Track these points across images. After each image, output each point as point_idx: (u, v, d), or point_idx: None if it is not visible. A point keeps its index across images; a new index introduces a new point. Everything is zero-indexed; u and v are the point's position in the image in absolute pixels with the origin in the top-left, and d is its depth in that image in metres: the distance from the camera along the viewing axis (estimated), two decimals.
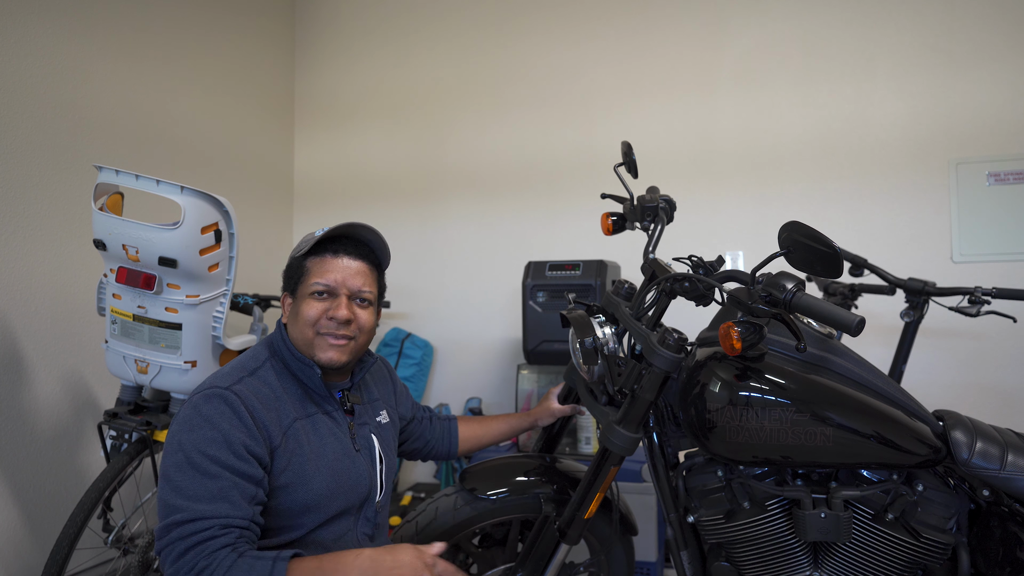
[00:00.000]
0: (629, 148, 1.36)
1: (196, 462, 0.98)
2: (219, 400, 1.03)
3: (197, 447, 0.99)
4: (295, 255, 1.20)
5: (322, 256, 1.18)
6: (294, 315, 1.18)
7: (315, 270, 1.17)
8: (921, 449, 1.06)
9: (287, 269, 1.22)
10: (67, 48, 2.18)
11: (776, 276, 0.97)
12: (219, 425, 1.01)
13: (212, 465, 0.98)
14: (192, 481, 0.97)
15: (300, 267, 1.19)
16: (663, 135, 2.87)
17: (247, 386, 1.08)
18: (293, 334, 1.18)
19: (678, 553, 1.25)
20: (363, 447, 1.22)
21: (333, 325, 1.15)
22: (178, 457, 0.99)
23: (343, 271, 1.17)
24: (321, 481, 1.11)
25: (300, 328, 1.16)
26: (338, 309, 1.15)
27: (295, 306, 1.18)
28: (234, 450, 1.00)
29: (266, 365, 1.15)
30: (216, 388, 1.05)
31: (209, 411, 1.02)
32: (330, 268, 1.17)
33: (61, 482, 2.13)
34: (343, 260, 1.18)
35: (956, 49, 2.52)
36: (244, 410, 1.04)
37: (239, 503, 0.98)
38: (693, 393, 1.13)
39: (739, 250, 2.75)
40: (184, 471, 0.98)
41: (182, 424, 1.02)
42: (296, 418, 1.12)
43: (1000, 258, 2.44)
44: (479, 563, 1.49)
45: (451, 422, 1.52)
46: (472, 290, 3.12)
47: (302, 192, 3.45)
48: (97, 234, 1.55)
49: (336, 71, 3.40)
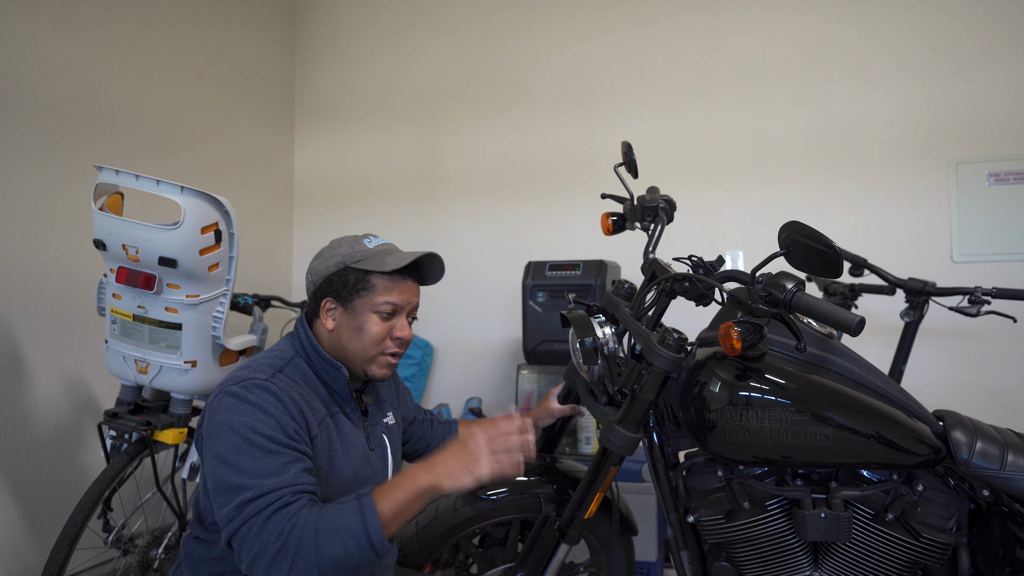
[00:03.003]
0: (629, 148, 1.36)
1: (254, 441, 0.99)
2: (262, 390, 1.05)
3: (252, 428, 1.00)
4: (354, 265, 1.16)
5: (391, 275, 1.17)
6: (351, 328, 1.16)
7: (383, 288, 1.16)
8: (921, 449, 1.06)
9: (339, 276, 1.17)
10: (67, 48, 2.18)
11: (776, 276, 0.97)
12: (269, 410, 1.02)
13: (270, 443, 1.00)
14: (253, 460, 0.98)
15: (364, 281, 1.16)
16: (663, 135, 2.87)
17: (281, 380, 1.10)
18: (341, 342, 1.17)
19: (678, 553, 1.25)
20: (376, 447, 1.24)
21: (397, 344, 1.18)
22: (234, 440, 0.99)
23: (409, 292, 1.19)
24: (344, 478, 1.13)
25: (361, 343, 1.16)
26: (404, 330, 1.18)
27: (351, 318, 1.16)
28: (287, 431, 1.02)
29: (291, 364, 1.16)
30: (256, 379, 1.06)
31: (255, 398, 1.03)
32: (400, 289, 1.17)
33: (61, 482, 2.13)
34: (408, 282, 1.19)
35: (956, 49, 2.52)
36: (287, 399, 1.06)
37: (302, 475, 1.00)
38: (693, 393, 1.13)
39: (739, 250, 2.75)
40: (243, 452, 0.99)
41: (229, 410, 1.02)
42: (325, 415, 1.14)
43: (1000, 258, 2.44)
44: (479, 563, 1.49)
45: (451, 425, 1.52)
46: (472, 290, 3.12)
47: (302, 192, 3.45)
48: (97, 234, 1.55)
49: (336, 71, 3.40)
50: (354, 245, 1.19)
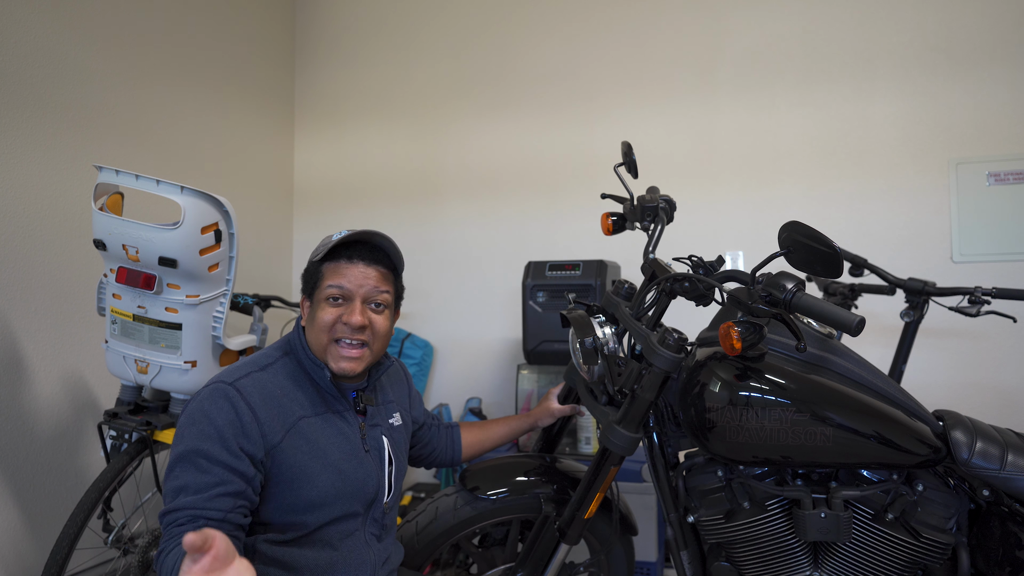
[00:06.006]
0: (629, 148, 1.36)
1: (190, 458, 1.03)
2: (220, 396, 1.07)
3: (194, 443, 1.04)
4: (312, 259, 1.22)
5: (337, 261, 1.19)
6: (311, 320, 1.19)
7: (330, 275, 1.18)
8: (921, 449, 1.06)
9: (305, 273, 1.24)
10: (67, 48, 2.18)
11: (776, 276, 0.97)
12: (215, 421, 1.05)
13: (204, 461, 1.02)
14: (185, 475, 1.02)
15: (317, 272, 1.20)
16: (663, 135, 2.87)
17: (254, 381, 1.11)
18: (310, 338, 1.20)
19: (678, 553, 1.25)
20: (372, 448, 1.23)
21: (347, 330, 1.16)
22: (179, 449, 1.04)
23: (358, 275, 1.18)
24: (326, 479, 1.12)
25: (316, 333, 1.17)
26: (352, 315, 1.16)
27: (312, 311, 1.20)
28: (227, 446, 1.03)
29: (278, 363, 1.17)
30: (221, 383, 1.09)
31: (209, 407, 1.06)
32: (345, 273, 1.17)
33: (61, 482, 2.13)
34: (358, 266, 1.18)
35: (956, 49, 2.52)
36: (244, 405, 1.07)
37: (217, 498, 1.01)
38: (693, 393, 1.13)
39: (739, 250, 2.75)
40: (181, 464, 1.03)
41: (187, 417, 1.07)
42: (303, 416, 1.14)
43: (1000, 258, 2.44)
44: (479, 563, 1.49)
45: (453, 429, 1.52)
46: (472, 290, 3.12)
47: (302, 192, 3.45)
48: (97, 234, 1.55)
49: (336, 71, 3.40)
50: (323, 242, 1.21)
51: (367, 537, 1.20)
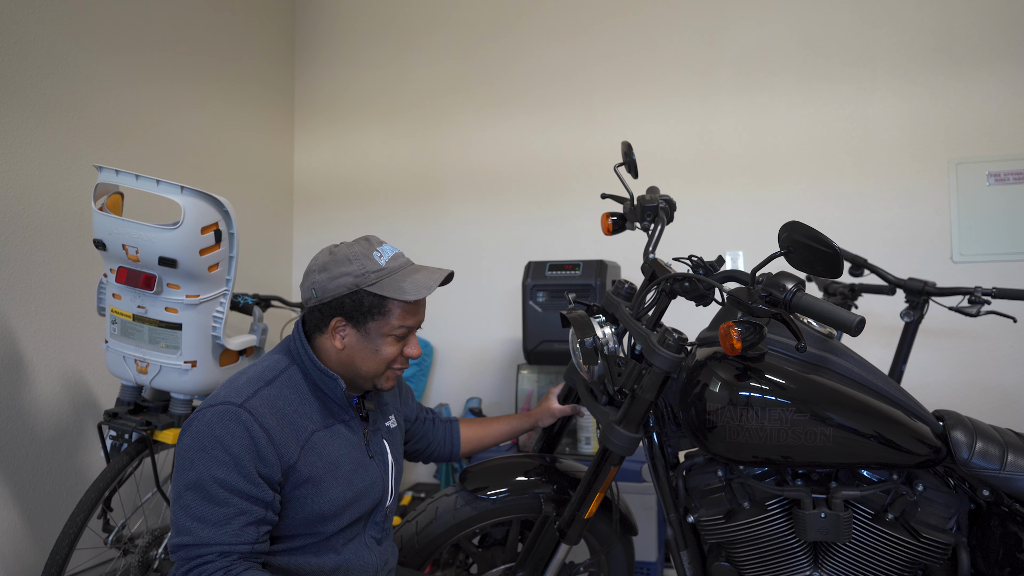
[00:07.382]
0: (629, 148, 1.36)
1: (205, 486, 0.99)
2: (233, 419, 1.02)
3: (208, 470, 1.00)
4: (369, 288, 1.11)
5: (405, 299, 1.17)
6: (365, 350, 1.14)
7: (401, 314, 1.14)
8: (921, 449, 1.06)
9: (352, 299, 1.11)
10: (67, 48, 2.18)
11: (776, 276, 0.97)
12: (230, 448, 1.00)
13: (221, 491, 0.99)
14: (201, 505, 0.99)
15: (381, 307, 1.12)
16: (663, 135, 2.87)
17: (263, 400, 1.07)
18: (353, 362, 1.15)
19: (678, 553, 1.25)
20: (376, 453, 1.23)
21: (405, 361, 1.20)
22: (190, 476, 1.00)
23: (423, 311, 1.20)
24: (338, 492, 1.11)
25: (374, 363, 1.15)
26: (414, 348, 1.19)
27: (364, 340, 1.14)
28: (244, 474, 1.00)
29: (285, 375, 1.14)
30: (230, 405, 1.04)
31: (221, 432, 1.01)
32: (415, 311, 1.17)
33: (61, 482, 2.13)
34: (423, 299, 1.18)
35: (956, 49, 2.52)
36: (258, 429, 1.03)
37: (243, 530, 1.00)
38: (693, 393, 1.13)
39: (739, 250, 2.75)
40: (194, 493, 1.00)
41: (195, 441, 1.02)
42: (315, 430, 1.12)
43: (1000, 258, 2.44)
44: (479, 563, 1.49)
45: (452, 424, 1.52)
46: (472, 290, 3.12)
47: (302, 192, 3.45)
48: (97, 234, 1.55)
49: (336, 71, 3.40)
50: (365, 263, 1.12)
51: (368, 541, 1.20)
